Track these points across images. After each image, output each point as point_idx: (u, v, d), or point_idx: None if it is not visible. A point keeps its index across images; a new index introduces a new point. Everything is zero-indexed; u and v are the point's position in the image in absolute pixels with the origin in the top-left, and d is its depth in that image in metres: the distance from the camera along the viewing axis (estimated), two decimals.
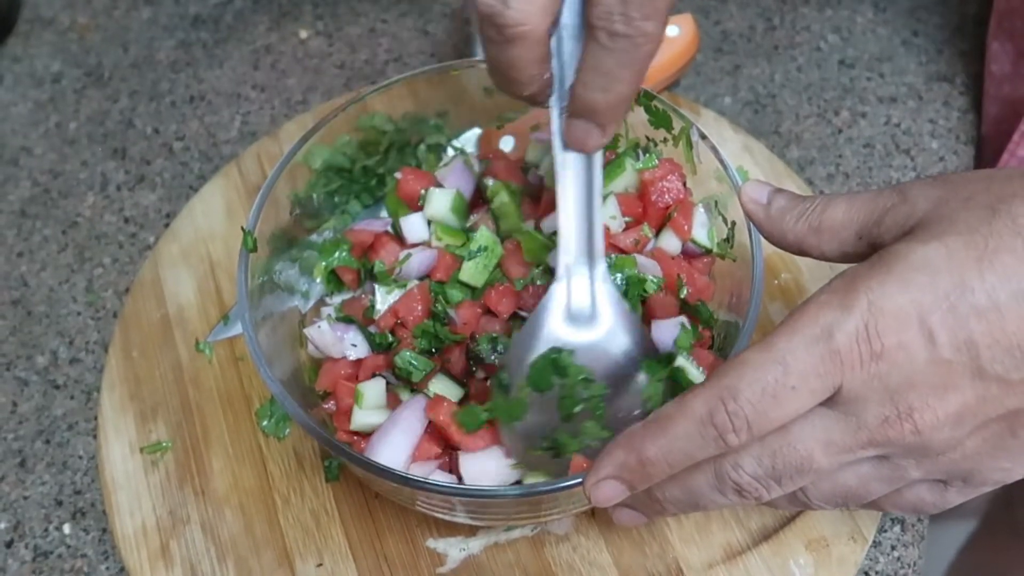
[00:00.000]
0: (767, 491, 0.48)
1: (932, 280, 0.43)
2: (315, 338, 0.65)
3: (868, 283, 0.44)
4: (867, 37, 0.92)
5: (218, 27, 0.97)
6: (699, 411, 0.46)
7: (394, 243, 0.69)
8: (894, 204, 0.48)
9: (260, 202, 0.65)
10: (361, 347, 0.65)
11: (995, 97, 0.83)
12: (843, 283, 0.45)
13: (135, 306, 0.76)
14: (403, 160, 0.74)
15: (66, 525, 0.69)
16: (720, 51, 0.92)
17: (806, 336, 0.44)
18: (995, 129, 0.84)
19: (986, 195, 0.45)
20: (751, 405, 0.44)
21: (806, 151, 0.85)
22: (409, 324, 0.64)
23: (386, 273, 0.67)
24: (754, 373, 0.44)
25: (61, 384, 0.75)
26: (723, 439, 0.45)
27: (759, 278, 0.60)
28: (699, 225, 0.68)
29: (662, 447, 0.47)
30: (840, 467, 0.47)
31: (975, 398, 0.44)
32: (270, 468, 0.68)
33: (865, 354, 0.43)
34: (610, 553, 0.64)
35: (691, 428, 0.46)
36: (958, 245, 0.44)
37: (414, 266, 0.66)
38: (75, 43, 0.97)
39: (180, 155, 0.88)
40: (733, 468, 0.47)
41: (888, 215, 0.48)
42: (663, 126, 0.70)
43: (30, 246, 0.83)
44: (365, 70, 0.92)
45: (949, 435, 0.45)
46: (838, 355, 0.44)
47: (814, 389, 0.44)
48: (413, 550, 0.65)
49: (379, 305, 0.65)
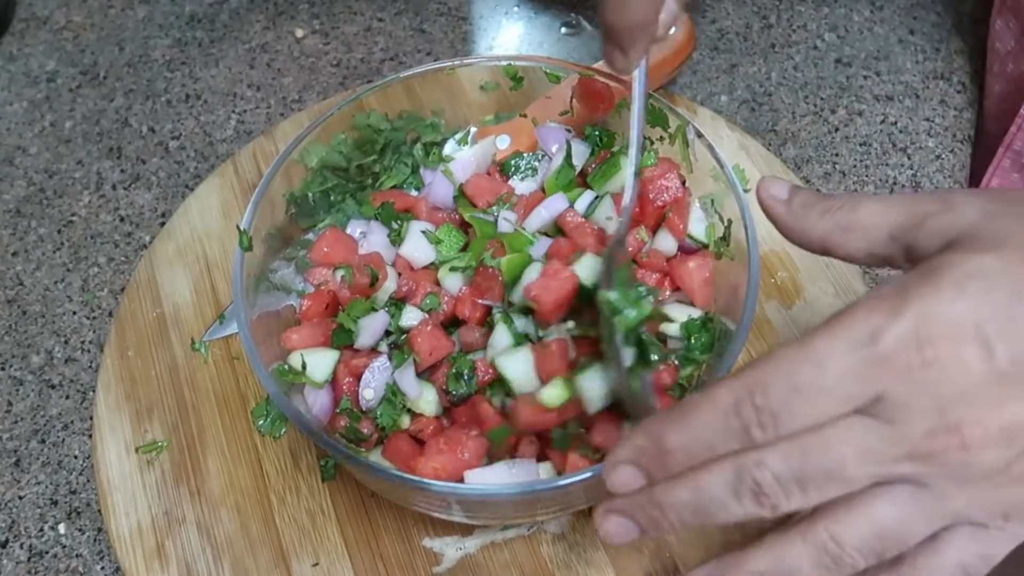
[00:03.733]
0: (787, 498, 0.44)
1: (989, 289, 0.41)
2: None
3: (921, 290, 0.42)
4: (864, 35, 0.92)
5: (214, 26, 0.97)
6: (725, 401, 0.44)
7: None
8: (938, 210, 0.46)
9: (256, 201, 0.65)
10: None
11: (999, 74, 0.83)
12: (893, 289, 0.43)
13: (130, 305, 0.76)
14: (399, 159, 0.74)
15: (61, 525, 0.69)
16: (717, 49, 0.92)
17: (849, 338, 0.42)
18: (1000, 106, 0.84)
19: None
20: (779, 400, 0.42)
21: (803, 149, 0.85)
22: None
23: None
24: (787, 368, 0.43)
25: (56, 384, 0.75)
26: (747, 432, 0.43)
27: (755, 275, 0.60)
28: (696, 221, 0.68)
29: (683, 436, 0.45)
30: (873, 488, 0.44)
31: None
32: (266, 467, 0.68)
33: (915, 361, 0.41)
34: (606, 552, 0.64)
35: (715, 418, 0.44)
36: (1015, 258, 0.42)
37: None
38: (70, 42, 0.96)
39: (176, 154, 0.87)
40: (756, 465, 0.44)
41: (930, 219, 0.46)
42: (659, 124, 0.70)
43: (25, 245, 0.83)
44: (361, 69, 0.92)
45: (997, 455, 0.42)
46: (884, 360, 0.41)
47: (850, 394, 0.42)
48: (409, 549, 0.64)
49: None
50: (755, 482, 0.44)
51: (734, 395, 0.43)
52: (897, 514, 0.44)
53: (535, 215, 0.68)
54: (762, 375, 0.43)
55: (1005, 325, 0.41)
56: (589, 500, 0.63)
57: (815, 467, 0.43)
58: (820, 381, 0.42)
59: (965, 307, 0.41)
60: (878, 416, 0.42)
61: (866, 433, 0.42)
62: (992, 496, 0.44)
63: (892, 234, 0.48)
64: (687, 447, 0.45)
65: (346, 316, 0.66)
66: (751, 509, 0.45)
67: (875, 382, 0.42)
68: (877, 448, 0.42)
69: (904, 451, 0.42)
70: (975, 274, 0.42)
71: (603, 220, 0.67)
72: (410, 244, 0.69)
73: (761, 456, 0.44)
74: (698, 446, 0.45)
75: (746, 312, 0.59)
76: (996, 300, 0.41)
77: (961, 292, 0.42)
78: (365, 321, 0.65)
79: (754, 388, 0.43)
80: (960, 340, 0.41)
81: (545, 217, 0.68)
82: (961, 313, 0.41)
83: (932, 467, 0.43)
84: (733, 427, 0.44)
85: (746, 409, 0.43)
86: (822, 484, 0.43)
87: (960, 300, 0.41)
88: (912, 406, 0.42)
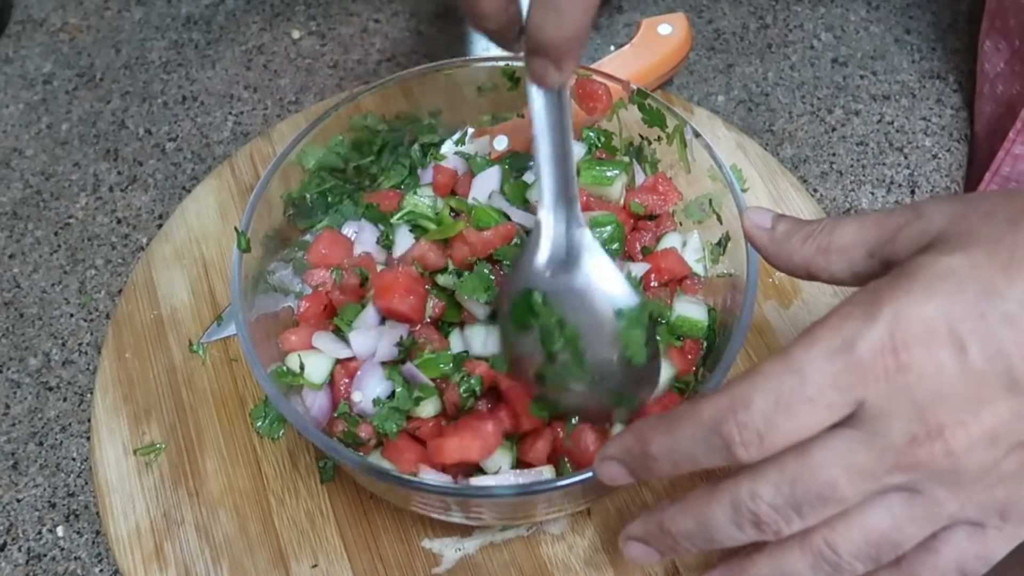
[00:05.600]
0: (787, 524, 0.44)
1: (959, 288, 0.42)
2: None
3: (892, 293, 0.42)
4: (860, 35, 0.92)
5: (210, 27, 0.96)
6: (707, 418, 0.44)
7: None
8: (908, 221, 0.46)
9: (253, 202, 0.65)
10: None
11: (989, 96, 0.83)
12: (866, 295, 0.43)
13: (128, 307, 0.76)
14: (396, 160, 0.74)
15: (59, 527, 0.69)
16: (713, 50, 0.92)
17: (826, 346, 0.42)
18: (989, 128, 0.84)
19: (1007, 209, 0.44)
20: (762, 416, 0.42)
21: (799, 149, 0.85)
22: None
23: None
24: (768, 383, 0.43)
25: (54, 386, 0.75)
26: (731, 451, 0.43)
27: (753, 277, 0.60)
28: (691, 251, 0.69)
29: (666, 446, 0.46)
30: (867, 498, 0.44)
31: (1010, 414, 0.41)
32: (264, 469, 0.68)
33: (891, 365, 0.41)
34: (606, 552, 0.64)
35: (697, 434, 0.44)
36: (982, 256, 0.42)
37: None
38: (66, 44, 0.96)
39: (173, 156, 0.87)
40: (751, 498, 0.44)
41: (903, 232, 0.46)
42: (657, 124, 0.70)
43: (22, 248, 0.83)
44: (358, 70, 0.92)
45: (983, 457, 0.42)
46: (860, 367, 0.41)
47: (832, 403, 0.42)
48: (408, 550, 0.64)
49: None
50: (753, 514, 0.45)
51: (717, 412, 0.44)
52: (891, 521, 0.44)
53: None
54: (743, 390, 0.43)
55: (976, 324, 0.41)
56: (588, 501, 0.63)
57: (808, 493, 0.43)
58: (801, 391, 0.42)
59: (936, 308, 0.41)
60: (862, 427, 0.42)
61: (852, 450, 0.43)
62: (985, 497, 0.44)
63: (870, 251, 0.48)
64: (670, 457, 0.46)
65: (341, 320, 0.66)
66: (755, 536, 0.46)
67: (854, 389, 0.42)
68: (865, 464, 0.42)
69: (891, 462, 0.42)
70: (944, 275, 0.42)
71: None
72: (400, 246, 0.69)
73: (754, 487, 0.44)
74: (681, 458, 0.46)
75: (744, 313, 0.59)
76: (966, 299, 0.41)
77: (931, 294, 0.42)
78: (356, 337, 0.65)
79: (736, 404, 0.43)
80: (933, 342, 0.41)
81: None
82: (932, 315, 0.41)
83: (921, 474, 0.43)
84: (715, 444, 0.44)
85: (728, 427, 0.43)
86: (818, 507, 0.44)
87: (930, 302, 0.42)
88: (892, 413, 0.42)
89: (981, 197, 0.46)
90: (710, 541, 0.47)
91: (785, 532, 0.45)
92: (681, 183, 0.71)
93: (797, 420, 0.42)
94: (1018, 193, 0.46)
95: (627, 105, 0.71)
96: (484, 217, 0.67)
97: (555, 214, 0.59)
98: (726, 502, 0.45)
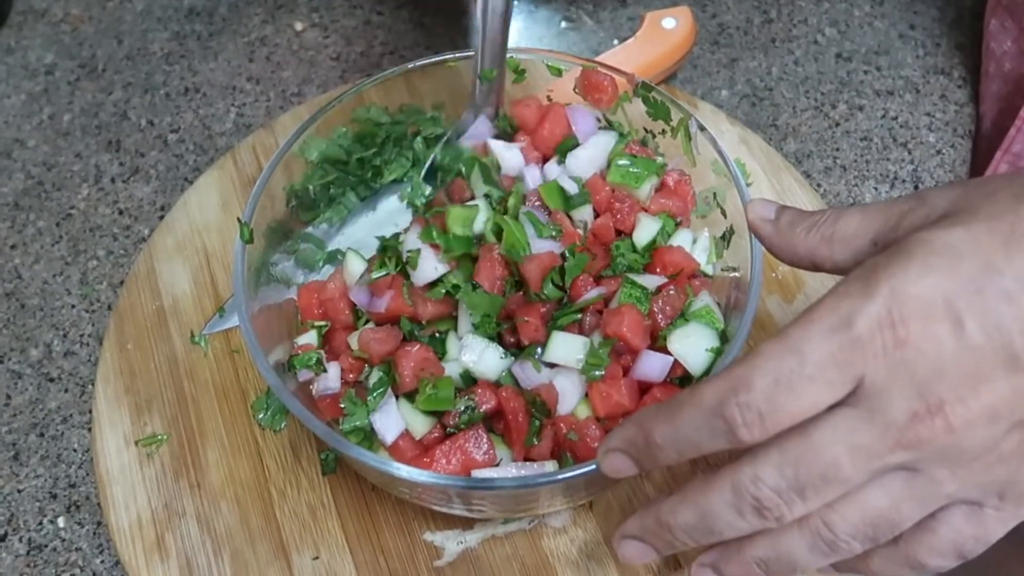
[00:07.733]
0: (789, 508, 0.44)
1: (956, 263, 0.41)
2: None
3: (889, 269, 0.42)
4: (864, 30, 0.92)
5: (212, 19, 0.96)
6: (709, 401, 0.44)
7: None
8: (912, 208, 0.46)
9: (256, 193, 0.64)
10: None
11: (995, 75, 0.83)
12: (863, 271, 0.43)
13: (130, 299, 0.75)
14: (399, 152, 0.74)
15: (60, 518, 0.69)
16: (717, 44, 0.92)
17: (824, 324, 0.42)
18: (997, 107, 0.84)
19: (1009, 188, 0.44)
20: (764, 396, 0.42)
21: (803, 144, 0.84)
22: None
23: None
24: (768, 363, 0.42)
25: (55, 377, 0.75)
26: (734, 433, 0.43)
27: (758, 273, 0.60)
28: (701, 250, 0.68)
29: (669, 433, 0.46)
30: (869, 478, 0.43)
31: (1010, 391, 0.41)
32: (266, 461, 0.68)
33: (889, 341, 0.41)
34: (608, 546, 0.63)
35: (699, 419, 0.44)
36: (982, 230, 0.42)
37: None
38: (68, 35, 0.96)
39: (175, 147, 0.87)
40: (752, 481, 0.44)
41: (906, 219, 0.46)
42: (661, 117, 0.70)
43: (24, 239, 0.82)
44: (361, 62, 0.92)
45: (983, 434, 0.42)
46: (859, 343, 0.41)
47: (832, 380, 0.42)
48: (410, 543, 0.64)
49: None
50: (754, 498, 0.44)
51: (718, 395, 0.43)
52: (889, 501, 0.44)
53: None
54: (743, 372, 0.43)
55: (974, 299, 0.41)
56: (590, 494, 0.63)
57: (810, 474, 0.43)
58: (801, 370, 0.42)
59: (933, 283, 0.41)
60: (862, 405, 0.42)
61: (855, 428, 0.42)
62: (984, 476, 0.44)
63: (874, 239, 0.48)
64: (674, 444, 0.46)
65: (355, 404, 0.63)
66: (756, 523, 0.45)
67: (853, 366, 0.42)
68: (867, 443, 0.42)
69: (893, 440, 0.42)
70: (942, 249, 0.42)
71: (567, 184, 0.67)
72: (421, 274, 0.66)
73: (756, 471, 0.44)
74: (685, 444, 0.45)
75: (748, 307, 0.59)
76: (964, 274, 0.41)
77: (929, 268, 0.42)
78: (378, 418, 0.62)
79: (737, 385, 0.43)
80: (930, 317, 0.41)
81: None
82: (929, 289, 0.41)
83: (922, 452, 0.42)
84: (718, 428, 0.44)
85: (729, 409, 0.43)
86: (821, 489, 0.43)
87: (928, 276, 0.41)
88: (892, 390, 0.41)
89: (984, 181, 0.46)
90: (709, 532, 0.47)
91: (787, 518, 0.44)
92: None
93: (798, 399, 0.42)
94: (1022, 176, 0.46)
95: (632, 98, 0.71)
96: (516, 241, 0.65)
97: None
98: (726, 488, 0.45)
